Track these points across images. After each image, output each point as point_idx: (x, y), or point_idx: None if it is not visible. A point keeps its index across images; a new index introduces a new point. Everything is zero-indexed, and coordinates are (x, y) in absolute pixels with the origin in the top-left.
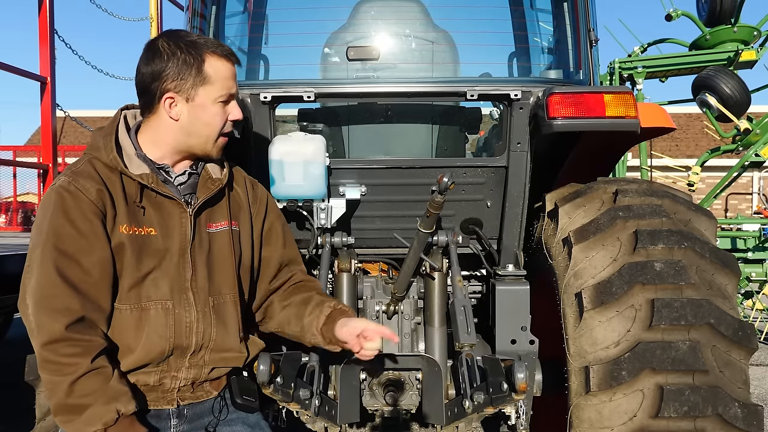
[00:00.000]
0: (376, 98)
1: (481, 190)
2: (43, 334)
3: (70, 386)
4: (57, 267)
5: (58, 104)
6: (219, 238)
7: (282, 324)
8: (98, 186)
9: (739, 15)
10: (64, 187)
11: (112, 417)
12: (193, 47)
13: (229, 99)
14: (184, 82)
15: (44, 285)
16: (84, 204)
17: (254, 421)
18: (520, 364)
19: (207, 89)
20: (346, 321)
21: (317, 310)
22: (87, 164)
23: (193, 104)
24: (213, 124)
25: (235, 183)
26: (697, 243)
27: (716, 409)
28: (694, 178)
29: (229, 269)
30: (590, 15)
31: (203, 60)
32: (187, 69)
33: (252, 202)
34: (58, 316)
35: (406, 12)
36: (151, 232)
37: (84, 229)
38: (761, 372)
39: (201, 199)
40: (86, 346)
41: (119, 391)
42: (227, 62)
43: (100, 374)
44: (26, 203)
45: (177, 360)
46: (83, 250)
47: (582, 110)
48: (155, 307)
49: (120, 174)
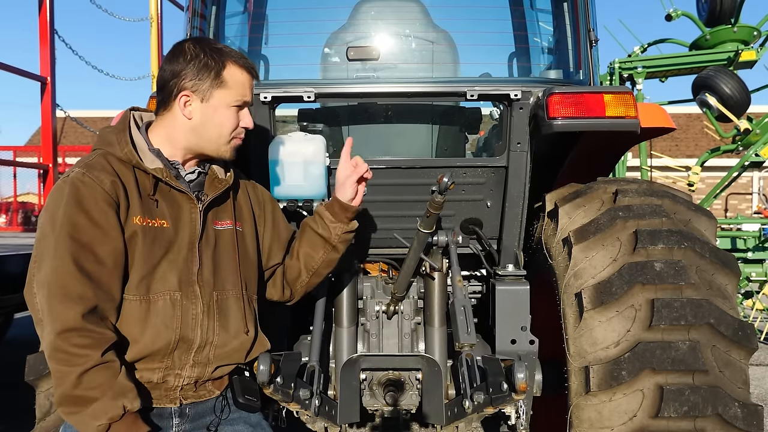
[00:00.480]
0: (376, 98)
1: (481, 190)
2: (57, 322)
3: (79, 377)
4: (72, 256)
5: (58, 104)
6: (224, 236)
7: (308, 262)
8: (112, 177)
9: (739, 15)
10: (79, 178)
11: (118, 412)
12: (216, 53)
13: (243, 106)
14: (202, 82)
15: (59, 273)
16: (98, 194)
17: (256, 421)
18: (520, 364)
19: (222, 92)
20: (337, 190)
21: (315, 216)
22: (100, 158)
23: (207, 105)
24: (224, 126)
25: (239, 186)
26: (697, 243)
27: (716, 409)
28: (694, 178)
29: (232, 267)
30: (590, 15)
31: (224, 66)
32: (206, 71)
33: (255, 205)
34: (72, 305)
35: (406, 12)
36: (163, 224)
37: (98, 219)
38: (761, 372)
39: (210, 196)
40: (98, 338)
41: (126, 387)
42: (246, 73)
43: (108, 368)
44: (26, 203)
45: (182, 356)
46: (98, 239)
47: (582, 110)
48: (163, 298)
49: (133, 168)
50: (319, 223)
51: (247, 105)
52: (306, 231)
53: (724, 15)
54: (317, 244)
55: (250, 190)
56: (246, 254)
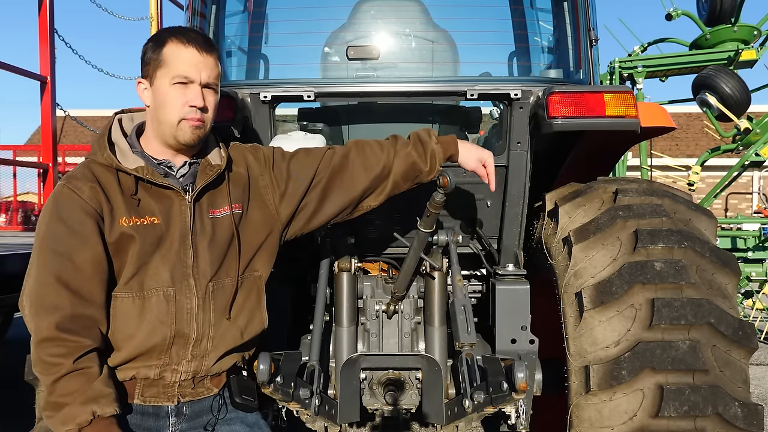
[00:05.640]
0: (376, 97)
1: (481, 189)
2: (35, 333)
3: (52, 385)
4: (49, 267)
5: (58, 104)
6: (222, 224)
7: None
8: (91, 184)
9: (739, 14)
10: (59, 190)
11: (86, 418)
12: (158, 36)
13: (187, 83)
14: (148, 66)
15: (39, 285)
16: (76, 203)
17: (253, 421)
18: (520, 363)
19: (162, 71)
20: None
21: (424, 153)
22: (83, 167)
23: (154, 88)
24: (168, 105)
25: (234, 165)
26: (697, 242)
27: (716, 408)
28: (694, 177)
29: (232, 253)
30: (590, 14)
31: (164, 44)
32: (151, 54)
33: (261, 174)
34: (46, 315)
35: (406, 11)
36: (154, 221)
37: (75, 226)
38: (761, 371)
39: (199, 186)
40: (72, 346)
41: (100, 392)
42: (188, 46)
43: (82, 375)
44: (26, 203)
45: (179, 352)
46: (75, 247)
47: (582, 110)
48: (157, 294)
49: (116, 171)
50: (428, 160)
51: (192, 82)
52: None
53: (725, 14)
54: (410, 169)
55: (251, 161)
56: (248, 235)
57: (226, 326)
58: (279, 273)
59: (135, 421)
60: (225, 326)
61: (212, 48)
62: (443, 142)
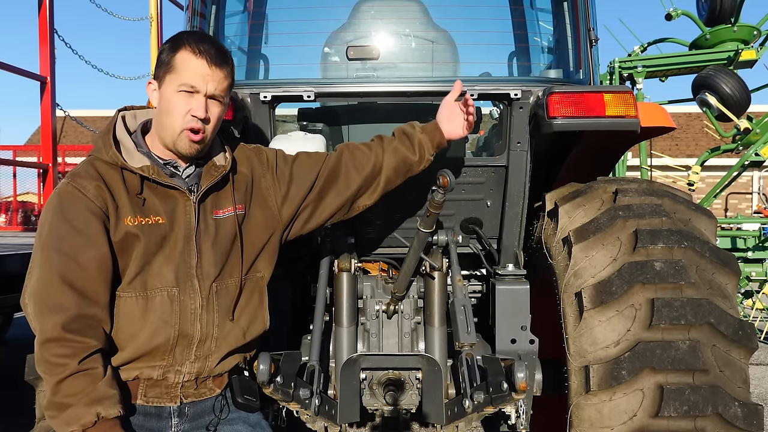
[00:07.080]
0: (376, 98)
1: (481, 189)
2: (39, 333)
3: (57, 385)
4: (54, 267)
5: (58, 104)
6: (225, 224)
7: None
8: (96, 182)
9: (739, 14)
10: (63, 188)
11: (90, 419)
12: (176, 39)
13: (193, 92)
14: (159, 69)
15: (43, 285)
16: (81, 202)
17: (255, 421)
18: (520, 363)
19: (171, 77)
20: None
21: (411, 143)
22: (87, 165)
23: (161, 91)
24: (172, 112)
25: (238, 166)
26: (697, 242)
27: (716, 408)
28: (694, 177)
29: (235, 254)
30: (590, 14)
31: (177, 50)
32: (164, 57)
33: (263, 175)
34: (52, 315)
35: (406, 11)
36: (158, 220)
37: (80, 226)
38: (761, 371)
39: (204, 186)
40: (77, 347)
41: (105, 394)
42: (198, 57)
43: (87, 375)
44: (26, 203)
45: (182, 352)
46: (80, 247)
47: (582, 110)
48: (161, 294)
49: (121, 169)
50: (417, 150)
51: (198, 92)
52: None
53: (724, 14)
54: (401, 163)
55: (254, 162)
56: (250, 236)
57: (229, 327)
58: (279, 273)
59: (137, 421)
60: (228, 327)
61: (224, 61)
62: (428, 131)
